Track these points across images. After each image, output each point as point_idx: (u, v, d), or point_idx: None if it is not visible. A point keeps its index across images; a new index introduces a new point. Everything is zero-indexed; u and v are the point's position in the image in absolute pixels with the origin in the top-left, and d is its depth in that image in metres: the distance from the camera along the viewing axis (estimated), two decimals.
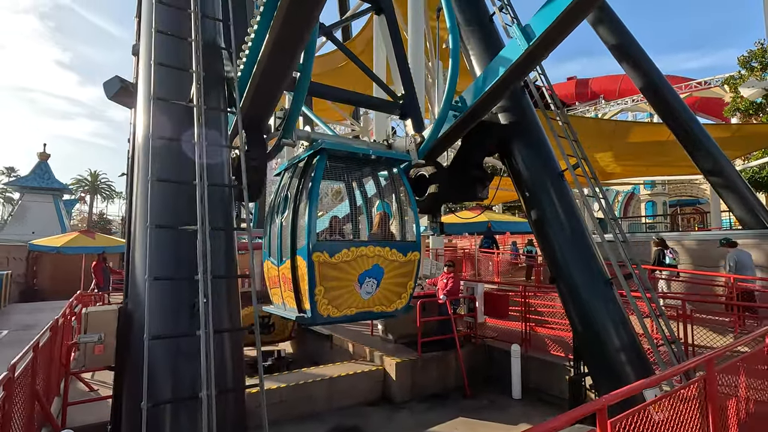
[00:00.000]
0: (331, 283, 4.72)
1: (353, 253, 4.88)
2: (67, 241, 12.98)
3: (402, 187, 5.59)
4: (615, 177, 22.65)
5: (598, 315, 5.76)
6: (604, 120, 26.55)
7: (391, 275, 5.16)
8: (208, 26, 3.98)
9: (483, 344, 8.97)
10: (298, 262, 4.76)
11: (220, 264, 3.08)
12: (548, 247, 6.35)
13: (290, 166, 5.58)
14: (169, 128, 3.38)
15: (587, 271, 5.98)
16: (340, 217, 5.57)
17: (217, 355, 2.80)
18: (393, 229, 5.64)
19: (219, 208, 3.29)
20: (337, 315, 4.84)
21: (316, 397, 7.16)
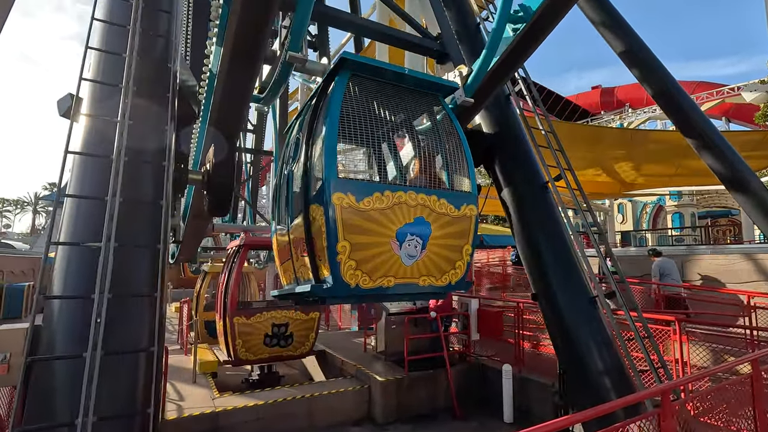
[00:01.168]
0: (360, 237, 3.56)
1: (388, 198, 3.72)
2: None
3: (448, 124, 4.39)
4: (637, 188, 21.71)
5: (581, 335, 5.37)
6: (617, 129, 25.69)
7: (440, 234, 3.95)
8: (154, 44, 4.00)
9: (477, 363, 8.60)
10: (313, 212, 3.70)
11: (138, 282, 3.01)
12: (530, 262, 6.03)
13: (302, 109, 4.55)
14: (95, 142, 3.38)
15: (570, 288, 5.61)
16: (368, 155, 4.32)
17: (123, 377, 2.71)
18: (440, 175, 4.35)
19: (145, 224, 3.22)
20: (369, 285, 3.63)
21: (295, 415, 6.99)
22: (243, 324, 8.22)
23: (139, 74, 3.57)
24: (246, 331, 8.25)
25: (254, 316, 8.36)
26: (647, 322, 5.24)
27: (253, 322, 8.31)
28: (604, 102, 44.49)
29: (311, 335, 9.02)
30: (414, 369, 7.97)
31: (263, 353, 8.50)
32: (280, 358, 8.88)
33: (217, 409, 6.50)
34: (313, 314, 8.94)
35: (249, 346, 8.31)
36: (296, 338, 8.79)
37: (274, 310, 8.61)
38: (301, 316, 8.79)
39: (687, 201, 25.08)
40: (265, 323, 8.44)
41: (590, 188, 21.94)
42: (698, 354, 6.25)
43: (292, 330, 8.73)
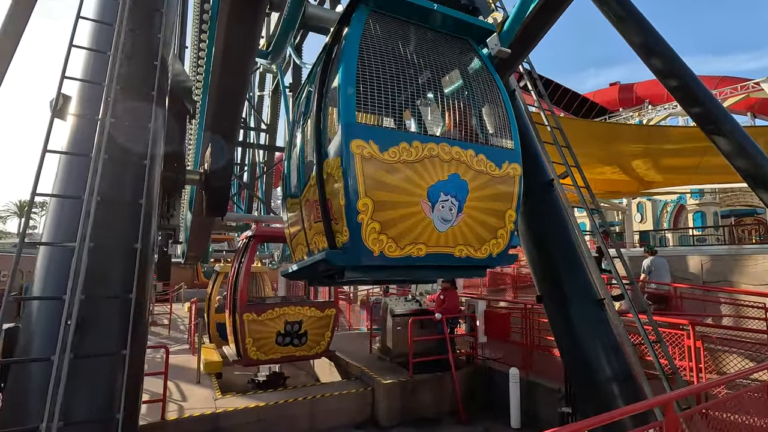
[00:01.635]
0: (385, 195, 3.03)
1: (417, 150, 3.19)
2: None
3: (485, 72, 3.83)
4: (656, 186, 21.08)
5: (587, 339, 5.15)
6: (634, 125, 25.03)
7: (479, 196, 3.40)
8: None
9: (484, 366, 8.39)
10: (328, 168, 3.19)
11: (115, 283, 2.94)
12: (534, 262, 5.82)
13: (315, 61, 3.98)
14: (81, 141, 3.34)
15: (576, 290, 5.39)
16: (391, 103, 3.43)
17: (97, 381, 2.65)
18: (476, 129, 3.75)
19: (125, 224, 3.16)
20: (396, 254, 3.10)
21: (297, 417, 6.91)
22: (253, 321, 7.63)
23: (124, 73, 3.53)
24: (257, 329, 7.66)
25: (265, 313, 7.74)
26: (657, 325, 4.98)
27: (264, 319, 7.72)
28: (623, 99, 43.49)
29: (327, 334, 8.37)
30: (419, 371, 7.82)
31: (275, 353, 7.88)
32: (294, 359, 8.29)
33: (218, 410, 6.46)
34: (329, 311, 8.31)
35: (260, 345, 7.73)
36: (311, 337, 8.17)
37: (287, 306, 8.02)
38: (316, 314, 8.15)
39: (709, 199, 24.23)
40: (277, 321, 7.82)
41: (607, 187, 21.38)
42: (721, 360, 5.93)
43: (306, 328, 8.08)
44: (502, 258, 3.67)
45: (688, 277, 11.38)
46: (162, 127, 4.18)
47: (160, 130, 3.95)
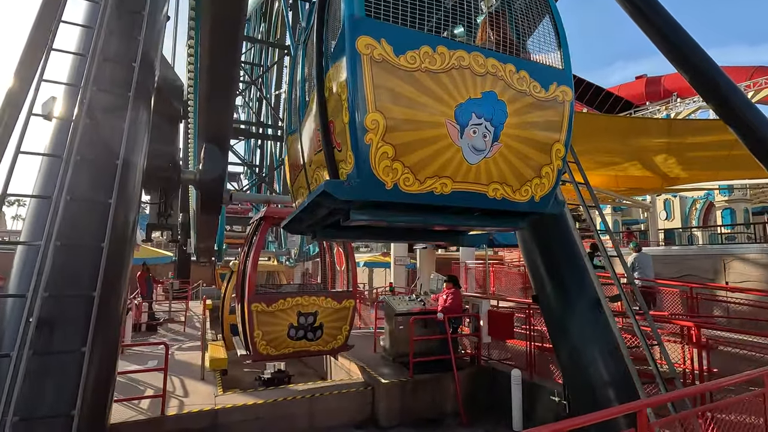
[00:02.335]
0: (400, 111, 2.53)
1: (443, 57, 2.65)
2: None
3: None
4: (681, 182, 20.22)
5: (583, 341, 4.98)
6: (656, 119, 24.11)
7: (520, 122, 2.90)
8: None
9: (487, 367, 8.23)
10: (330, 79, 2.73)
11: (82, 281, 2.99)
12: (530, 259, 5.66)
13: None
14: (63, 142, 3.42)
15: (572, 289, 5.21)
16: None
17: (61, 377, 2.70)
18: None
19: (95, 223, 3.21)
20: (414, 189, 2.60)
21: (296, 416, 6.93)
22: (263, 312, 6.92)
23: (102, 75, 3.59)
24: (267, 321, 6.97)
25: (276, 303, 7.03)
26: (657, 327, 4.75)
27: (275, 309, 7.01)
28: (650, 92, 42.05)
29: (344, 328, 7.62)
30: (422, 371, 7.73)
31: (287, 347, 7.23)
32: (308, 354, 7.57)
33: (217, 406, 6.55)
34: (348, 302, 7.59)
35: (270, 338, 7.04)
36: (327, 330, 7.45)
37: (301, 296, 7.28)
38: (333, 305, 7.44)
39: (739, 196, 23.08)
40: (289, 312, 7.09)
41: (629, 183, 20.68)
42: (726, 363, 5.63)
43: (321, 320, 7.33)
44: (546, 202, 3.09)
45: (709, 277, 10.89)
46: (145, 127, 4.26)
47: (140, 130, 4.02)
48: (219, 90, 4.86)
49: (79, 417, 2.51)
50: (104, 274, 3.06)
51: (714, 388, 3.81)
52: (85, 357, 2.60)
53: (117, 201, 3.38)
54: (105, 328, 3.02)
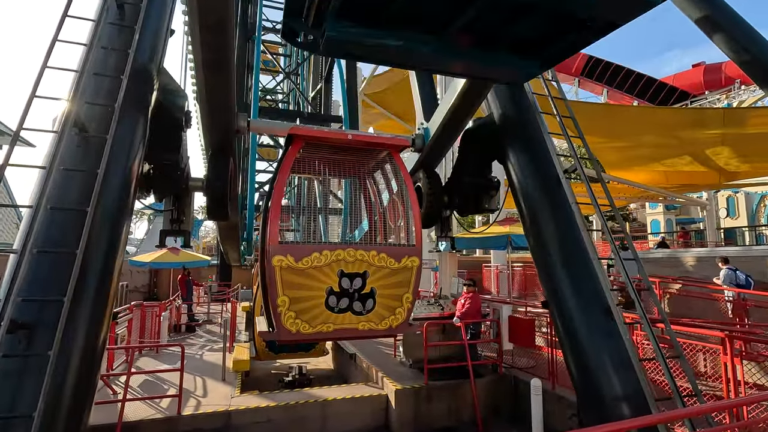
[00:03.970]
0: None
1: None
2: (156, 258, 14.94)
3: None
4: (742, 176, 18.52)
5: (594, 351, 4.59)
6: (708, 109, 22.21)
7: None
8: None
9: (508, 375, 7.87)
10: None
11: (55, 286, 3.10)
12: (540, 264, 5.33)
13: None
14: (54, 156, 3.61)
15: (582, 296, 4.84)
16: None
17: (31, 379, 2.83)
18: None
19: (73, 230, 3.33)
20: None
21: (307, 419, 6.95)
22: (289, 270, 4.64)
23: (91, 87, 3.77)
24: (296, 282, 4.67)
25: (309, 257, 4.69)
26: (675, 336, 4.30)
27: (306, 267, 4.68)
28: (709, 80, 38.96)
29: (406, 296, 5.07)
30: (440, 378, 7.53)
31: (325, 323, 4.81)
32: (355, 335, 5.20)
33: (231, 408, 6.69)
34: (410, 261, 5.05)
35: (301, 308, 4.71)
36: (381, 300, 4.99)
37: (344, 248, 4.90)
38: (390, 263, 4.98)
39: None
40: (327, 271, 4.79)
41: (680, 179, 19.21)
42: None
43: (373, 285, 4.96)
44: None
45: None
46: (141, 137, 4.43)
47: (133, 140, 4.17)
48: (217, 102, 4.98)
49: (42, 418, 2.61)
50: (83, 280, 3.19)
51: (728, 407, 3.37)
52: (50, 361, 2.71)
53: (103, 209, 3.53)
54: (83, 332, 3.15)
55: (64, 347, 3.05)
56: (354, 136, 5.28)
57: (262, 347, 9.29)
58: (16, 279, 2.84)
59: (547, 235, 5.23)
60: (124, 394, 6.12)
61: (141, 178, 5.23)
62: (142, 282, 23.67)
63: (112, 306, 3.67)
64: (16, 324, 2.79)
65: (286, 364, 10.47)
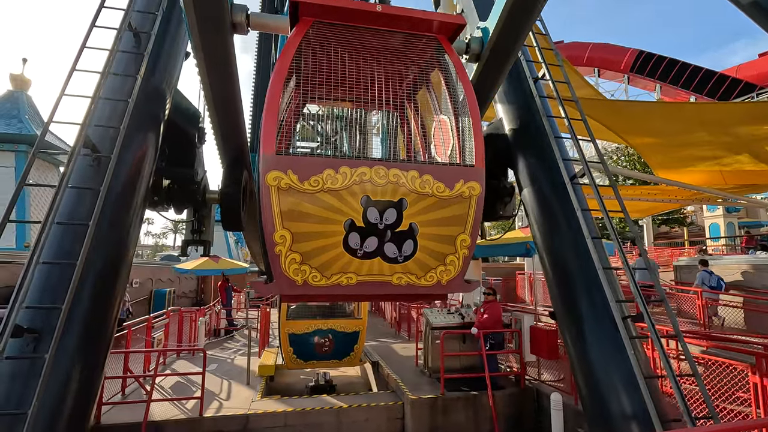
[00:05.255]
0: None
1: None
2: (198, 265, 15.78)
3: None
4: None
5: (601, 366, 4.34)
6: (761, 102, 20.23)
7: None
8: None
9: (532, 388, 7.57)
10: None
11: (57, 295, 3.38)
12: (547, 274, 5.12)
13: None
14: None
15: (590, 308, 4.59)
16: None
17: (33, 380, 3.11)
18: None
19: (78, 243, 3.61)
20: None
21: (323, 426, 7.04)
22: (292, 192, 3.26)
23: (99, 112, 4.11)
24: (301, 212, 3.30)
25: (320, 175, 3.30)
26: (689, 351, 3.97)
27: (315, 189, 3.30)
28: None
29: (461, 238, 3.65)
30: (458, 389, 7.39)
31: (344, 273, 3.48)
32: (391, 294, 4.10)
33: (249, 411, 6.92)
34: (465, 187, 3.55)
35: (309, 249, 3.38)
36: (425, 243, 3.59)
37: (370, 165, 3.41)
38: (437, 189, 3.51)
39: None
40: (346, 196, 3.37)
41: (739, 179, 17.65)
42: None
43: (413, 220, 3.54)
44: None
45: None
46: (152, 154, 4.75)
47: (143, 158, 4.49)
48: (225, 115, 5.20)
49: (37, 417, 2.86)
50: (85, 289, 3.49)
51: None
52: (45, 363, 2.97)
53: (107, 223, 3.84)
54: (84, 338, 3.43)
55: (64, 351, 3.33)
56: (384, 9, 3.70)
57: (289, 354, 9.25)
58: (23, 288, 3.15)
59: (552, 243, 5.03)
60: (149, 395, 6.51)
61: (161, 192, 5.60)
62: (189, 288, 25.03)
63: (117, 313, 3.94)
64: (21, 329, 3.09)
65: (319, 371, 10.54)
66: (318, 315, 9.41)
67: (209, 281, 25.49)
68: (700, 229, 29.64)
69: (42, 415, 3.16)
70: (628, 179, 24.17)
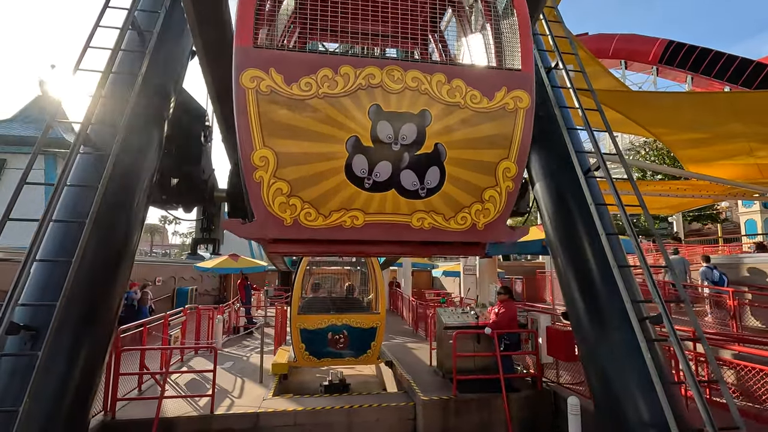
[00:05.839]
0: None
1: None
2: (218, 263, 16.02)
3: None
4: None
5: (616, 371, 4.09)
6: None
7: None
8: None
9: (549, 391, 7.30)
10: None
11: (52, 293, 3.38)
12: (559, 272, 4.88)
13: None
14: None
15: (605, 308, 4.34)
16: None
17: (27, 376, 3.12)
18: None
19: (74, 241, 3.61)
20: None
21: (333, 426, 6.97)
22: (276, 99, 2.49)
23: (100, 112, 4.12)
24: (288, 124, 2.51)
25: (313, 76, 2.54)
26: (711, 354, 3.68)
27: (307, 94, 2.55)
28: None
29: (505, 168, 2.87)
30: (471, 390, 7.19)
31: (347, 210, 2.71)
32: (407, 238, 2.86)
33: (260, 410, 6.91)
34: (512, 97, 2.76)
35: (300, 177, 2.59)
36: (455, 172, 2.81)
37: (380, 65, 2.62)
38: (471, 99, 2.69)
39: None
40: (348, 104, 2.57)
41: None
42: None
43: (439, 139, 2.74)
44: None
45: None
46: (154, 153, 4.75)
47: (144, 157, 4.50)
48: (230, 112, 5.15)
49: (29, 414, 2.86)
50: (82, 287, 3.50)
51: None
52: (38, 360, 2.98)
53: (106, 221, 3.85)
54: (80, 335, 3.44)
55: (61, 349, 3.35)
56: None
57: (301, 350, 9.00)
58: (18, 285, 3.17)
59: (565, 240, 4.79)
60: (162, 392, 6.58)
61: (169, 191, 5.62)
62: (212, 286, 25.50)
63: (117, 311, 3.95)
64: (17, 326, 3.11)
65: (334, 369, 10.45)
66: (332, 309, 9.19)
67: (230, 279, 25.93)
68: (735, 225, 28.29)
69: (38, 412, 3.17)
70: (657, 174, 23.24)
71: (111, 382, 6.43)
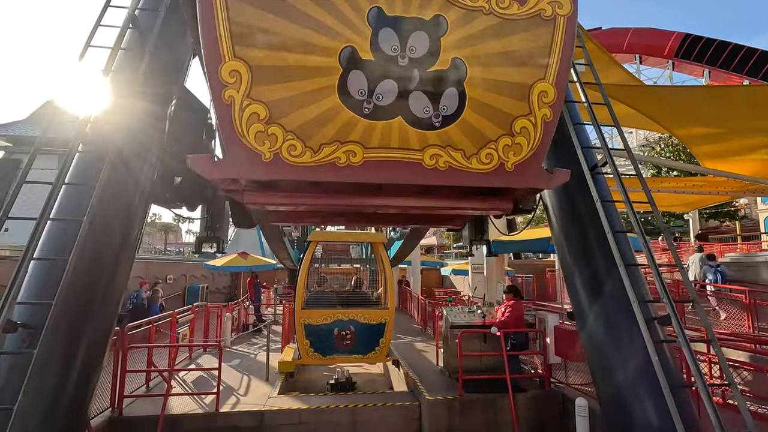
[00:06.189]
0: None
1: None
2: (227, 262, 16.13)
3: None
4: None
5: (622, 373, 3.97)
6: None
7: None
8: None
9: (557, 391, 7.16)
10: None
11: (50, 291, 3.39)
12: (564, 271, 4.76)
13: None
14: None
15: (610, 308, 4.21)
16: None
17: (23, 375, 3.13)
18: None
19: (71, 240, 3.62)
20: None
21: (338, 425, 6.94)
22: None
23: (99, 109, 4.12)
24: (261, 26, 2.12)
25: None
26: (724, 358, 3.53)
27: None
28: None
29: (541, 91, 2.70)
30: (477, 390, 7.10)
31: (342, 143, 2.33)
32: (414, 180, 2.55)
33: (264, 408, 6.91)
34: None
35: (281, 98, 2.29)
36: (477, 94, 2.59)
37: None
38: None
39: None
40: None
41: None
42: None
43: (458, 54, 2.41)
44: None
45: None
46: (154, 150, 4.76)
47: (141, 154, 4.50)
48: None
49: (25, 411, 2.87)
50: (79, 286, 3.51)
51: None
52: (33, 358, 2.98)
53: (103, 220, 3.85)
54: (78, 334, 3.45)
55: (57, 347, 3.36)
56: None
57: (306, 347, 8.65)
58: (15, 283, 3.18)
59: (569, 238, 4.67)
60: (167, 389, 6.62)
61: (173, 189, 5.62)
62: (224, 284, 25.77)
63: (117, 309, 3.95)
64: (14, 324, 3.12)
65: (340, 367, 10.38)
66: (338, 304, 8.93)
67: (241, 277, 26.14)
68: (754, 223, 27.57)
69: (36, 409, 3.19)
70: (672, 170, 22.74)
71: (118, 379, 6.49)
